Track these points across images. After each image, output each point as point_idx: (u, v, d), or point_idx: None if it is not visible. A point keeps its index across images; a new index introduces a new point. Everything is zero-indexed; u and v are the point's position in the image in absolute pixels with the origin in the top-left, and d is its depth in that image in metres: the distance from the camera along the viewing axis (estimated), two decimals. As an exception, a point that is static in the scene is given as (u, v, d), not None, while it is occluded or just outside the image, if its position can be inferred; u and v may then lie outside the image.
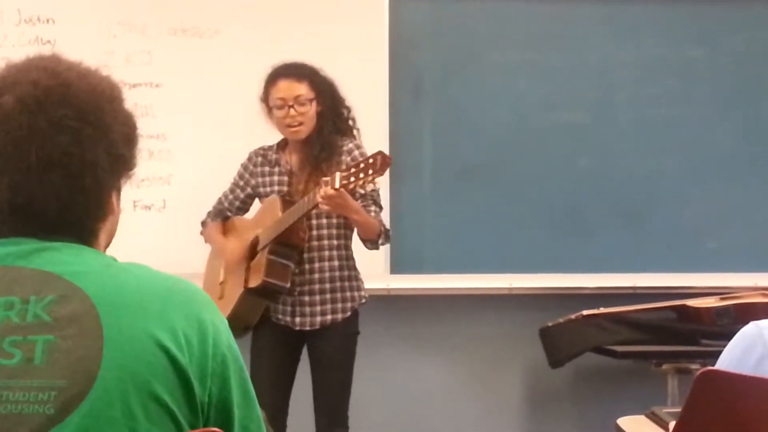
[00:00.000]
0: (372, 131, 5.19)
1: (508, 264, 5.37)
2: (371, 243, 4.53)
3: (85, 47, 4.96)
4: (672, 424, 2.19)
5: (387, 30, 5.30)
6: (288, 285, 4.40)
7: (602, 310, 5.18)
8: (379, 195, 4.56)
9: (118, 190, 1.81)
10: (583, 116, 5.49)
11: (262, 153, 4.65)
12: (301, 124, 4.42)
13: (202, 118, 5.17)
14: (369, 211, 4.41)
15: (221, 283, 4.60)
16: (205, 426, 1.66)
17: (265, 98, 4.51)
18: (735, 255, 5.43)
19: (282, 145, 4.64)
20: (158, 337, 1.62)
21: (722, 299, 5.16)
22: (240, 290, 4.47)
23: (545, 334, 5.16)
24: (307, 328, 4.52)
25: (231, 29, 5.20)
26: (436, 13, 5.46)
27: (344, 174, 4.09)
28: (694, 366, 4.73)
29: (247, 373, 1.76)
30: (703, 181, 5.48)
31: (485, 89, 5.23)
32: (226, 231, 4.72)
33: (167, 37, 5.16)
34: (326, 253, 4.51)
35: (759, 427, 2.09)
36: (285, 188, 4.55)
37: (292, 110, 4.40)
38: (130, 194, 4.94)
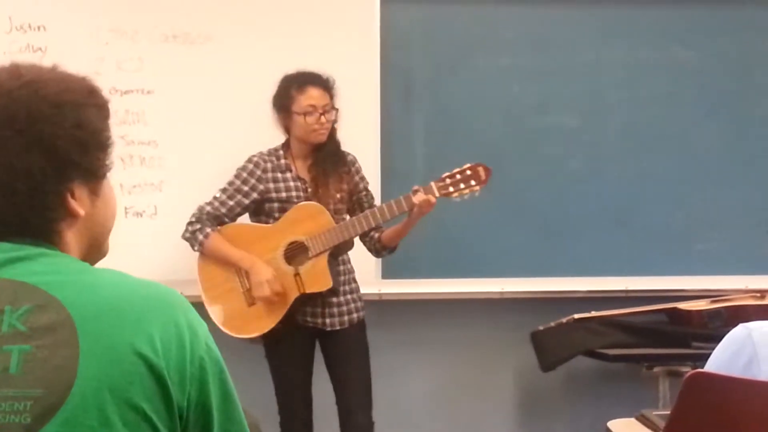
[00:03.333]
0: (363, 134, 5.22)
1: (499, 268, 5.38)
2: (391, 250, 4.81)
3: (76, 54, 5.00)
4: (662, 427, 2.20)
5: (378, 33, 5.30)
6: None
7: (594, 313, 5.19)
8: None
9: (88, 183, 1.77)
10: (573, 119, 5.49)
11: (271, 158, 4.70)
12: (325, 131, 4.63)
13: (194, 124, 5.17)
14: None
15: (248, 290, 4.59)
16: (184, 431, 1.66)
17: (288, 103, 4.64)
18: (726, 258, 5.43)
19: (286, 150, 4.71)
20: (135, 344, 1.61)
21: (713, 302, 5.17)
22: (293, 295, 4.57)
23: (537, 338, 5.17)
24: (337, 328, 4.68)
25: (222, 35, 5.20)
26: (427, 16, 5.46)
27: (441, 184, 4.52)
28: (685, 369, 4.73)
29: (229, 377, 1.74)
30: (694, 184, 5.49)
31: (476, 92, 5.24)
32: (229, 240, 4.67)
33: (158, 44, 5.15)
34: (345, 255, 4.73)
35: (748, 428, 2.09)
36: (301, 194, 4.65)
37: (322, 117, 4.59)
38: (121, 201, 4.96)
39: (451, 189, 4.58)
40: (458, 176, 4.60)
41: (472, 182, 4.58)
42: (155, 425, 1.62)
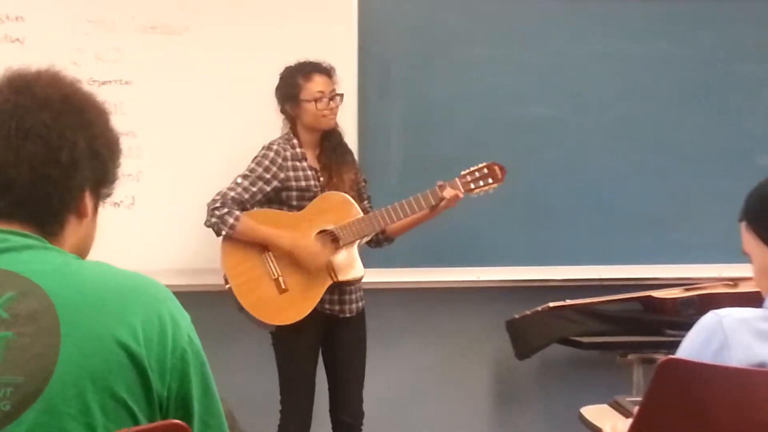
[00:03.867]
0: (341, 126, 5.21)
1: (474, 257, 5.40)
2: (390, 242, 4.92)
3: (54, 45, 4.99)
4: (634, 412, 2.23)
5: (356, 25, 5.30)
6: None
7: (568, 301, 5.22)
8: None
9: (96, 196, 1.84)
10: (551, 110, 5.51)
11: (288, 146, 4.73)
12: (334, 116, 4.72)
13: (172, 114, 5.16)
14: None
15: (280, 277, 4.59)
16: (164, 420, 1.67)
17: (296, 92, 4.71)
18: (699, 247, 5.47)
19: (297, 139, 4.76)
20: (117, 334, 1.63)
21: (687, 290, 5.21)
22: (326, 283, 4.62)
23: (512, 327, 5.20)
24: (348, 315, 4.74)
25: (200, 26, 5.20)
26: (405, 8, 5.46)
27: (464, 180, 4.68)
28: (659, 356, 4.68)
29: (209, 368, 1.76)
30: (669, 174, 5.52)
31: (454, 84, 5.26)
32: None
33: (137, 34, 5.14)
34: None
35: (718, 413, 2.13)
36: (316, 182, 4.70)
37: (332, 102, 4.69)
38: (100, 191, 4.97)
39: (472, 186, 4.75)
40: (477, 173, 4.76)
41: (490, 180, 4.78)
42: (135, 414, 1.64)
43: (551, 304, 5.18)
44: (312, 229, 4.63)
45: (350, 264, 4.67)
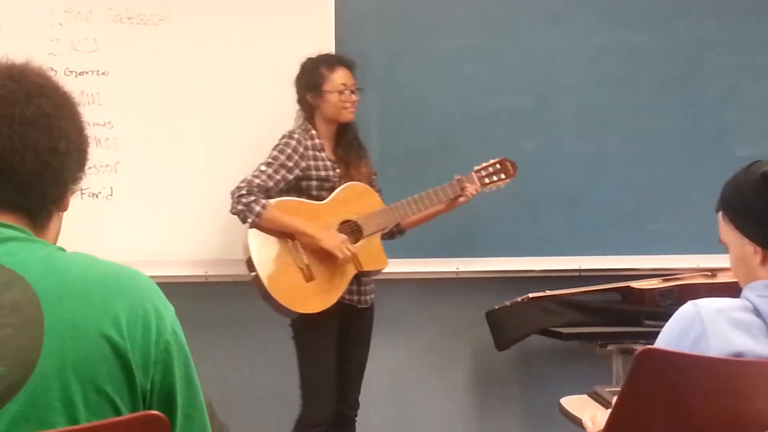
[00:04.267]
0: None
1: (454, 248, 5.40)
2: (403, 234, 4.97)
3: (30, 35, 4.97)
4: (613, 402, 2.23)
5: (333, 16, 5.30)
6: None
7: (548, 292, 5.23)
8: None
9: (71, 191, 1.84)
10: (527, 101, 5.52)
11: (307, 137, 4.74)
12: (354, 109, 4.78)
13: (149, 105, 5.15)
14: None
15: (307, 266, 4.59)
16: None
17: (320, 82, 4.74)
18: (677, 237, 5.49)
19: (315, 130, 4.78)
20: (101, 326, 1.63)
21: (665, 281, 5.23)
22: (351, 272, 4.65)
23: (492, 317, 5.20)
24: (363, 306, 4.79)
25: (177, 17, 5.18)
26: (381, 0, 5.47)
27: (479, 175, 4.81)
28: (638, 346, 4.69)
29: (192, 361, 1.76)
30: (646, 165, 5.53)
31: (430, 74, 5.26)
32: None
33: (113, 25, 5.13)
34: None
35: (696, 402, 2.13)
36: (333, 173, 4.73)
37: (353, 95, 4.74)
38: (77, 182, 4.95)
39: (486, 180, 4.87)
40: (491, 169, 4.88)
41: (502, 175, 4.93)
42: (117, 407, 1.63)
43: (531, 295, 5.19)
44: (335, 219, 4.66)
45: (375, 254, 4.72)
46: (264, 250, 4.62)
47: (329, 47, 5.24)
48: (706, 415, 2.13)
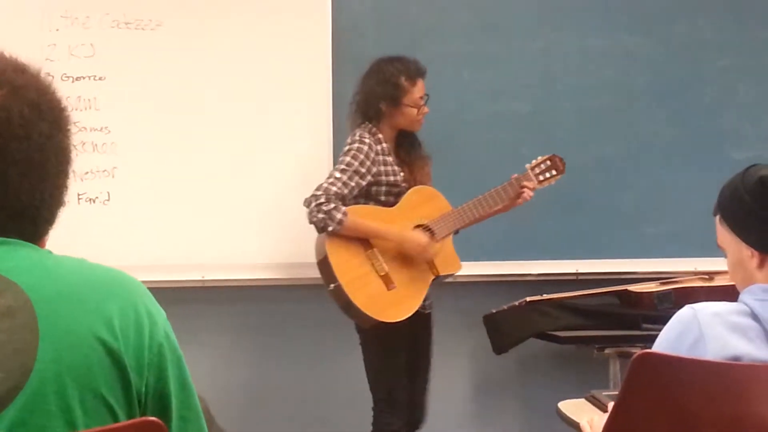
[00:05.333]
0: (316, 121, 5.22)
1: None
2: (456, 233, 4.90)
3: (27, 40, 4.96)
4: (610, 406, 2.23)
5: (330, 20, 5.30)
6: None
7: (545, 296, 5.23)
8: None
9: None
10: (524, 105, 5.52)
11: (376, 141, 4.71)
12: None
13: (146, 110, 5.15)
14: None
15: (387, 273, 4.57)
16: (143, 416, 1.66)
17: (399, 95, 4.69)
18: (675, 241, 5.49)
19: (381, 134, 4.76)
20: (95, 329, 1.62)
21: (663, 284, 5.24)
22: (429, 278, 4.65)
23: (489, 321, 5.20)
24: (428, 311, 4.81)
25: (173, 21, 5.18)
26: (379, 3, 5.46)
27: (534, 172, 4.80)
28: (635, 350, 4.70)
29: (185, 363, 1.76)
30: (643, 168, 5.54)
31: (428, 79, 5.22)
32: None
33: (110, 30, 5.13)
34: None
35: (693, 406, 2.13)
36: (401, 177, 4.72)
37: (425, 107, 4.73)
38: (73, 187, 4.93)
39: (540, 178, 4.85)
40: (543, 166, 4.87)
41: (554, 172, 4.91)
42: (114, 410, 1.63)
43: (528, 299, 5.19)
44: (408, 224, 4.64)
45: (449, 258, 4.72)
46: (344, 260, 4.57)
47: (326, 51, 5.25)
48: (704, 419, 2.13)
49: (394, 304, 4.57)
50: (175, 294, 5.08)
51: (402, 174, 4.72)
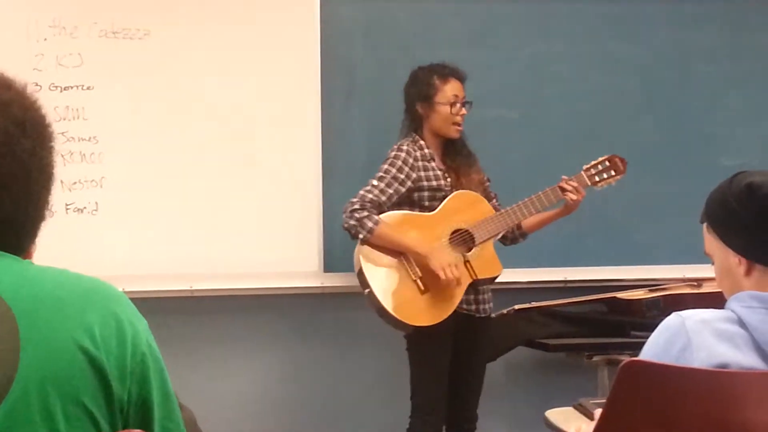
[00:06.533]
0: (305, 129, 5.23)
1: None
2: (525, 238, 4.97)
3: (14, 50, 4.96)
4: (598, 414, 2.23)
5: (319, 28, 5.30)
6: None
7: (534, 304, 5.23)
8: None
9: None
10: (513, 112, 5.53)
11: (417, 147, 4.74)
12: (462, 124, 4.77)
13: (134, 119, 5.15)
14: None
15: (420, 278, 4.57)
16: (125, 426, 1.66)
17: (431, 93, 4.74)
18: (663, 248, 5.50)
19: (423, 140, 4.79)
20: (76, 338, 1.61)
21: (651, 291, 5.24)
22: (465, 281, 4.61)
23: (478, 329, 5.20)
24: (482, 315, 4.76)
25: (162, 31, 5.18)
26: (368, 11, 5.47)
27: (589, 173, 4.75)
28: (624, 357, 4.74)
29: (167, 374, 1.75)
30: (632, 175, 5.51)
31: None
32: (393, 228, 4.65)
33: (98, 40, 5.12)
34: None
35: (681, 414, 2.13)
36: (445, 182, 4.73)
37: (463, 108, 4.73)
38: (61, 197, 4.95)
39: (596, 178, 4.81)
40: (600, 167, 4.82)
41: (613, 172, 4.84)
42: (96, 420, 1.62)
43: (517, 307, 5.19)
44: (447, 229, 4.64)
45: (489, 261, 4.70)
46: (376, 265, 4.61)
47: (315, 59, 5.25)
48: (691, 427, 2.13)
49: (427, 308, 4.58)
50: (164, 304, 5.09)
51: (449, 179, 4.74)
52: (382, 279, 4.60)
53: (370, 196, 4.60)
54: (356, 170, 5.32)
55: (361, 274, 4.62)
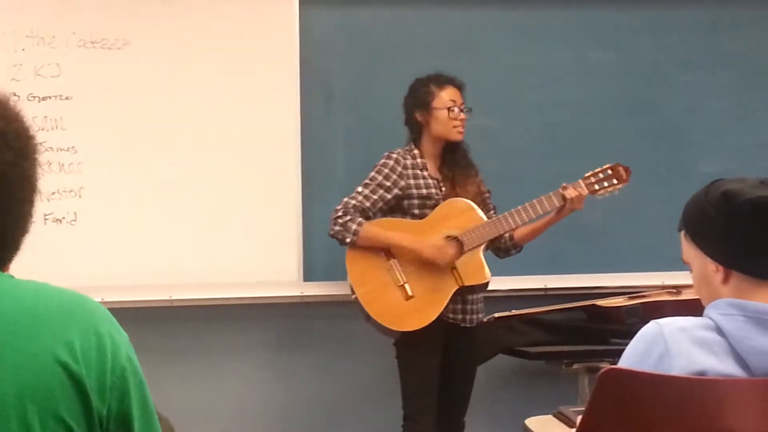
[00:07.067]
0: (283, 139, 5.22)
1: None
2: (519, 249, 4.96)
3: (-8, 61, 4.95)
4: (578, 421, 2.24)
5: (297, 37, 5.30)
6: None
7: (514, 311, 5.24)
8: None
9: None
10: (492, 120, 5.53)
11: (408, 155, 4.77)
12: (462, 128, 4.78)
13: (113, 130, 5.14)
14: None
15: (406, 284, 4.61)
16: None
17: (429, 99, 4.78)
18: (642, 255, 5.51)
19: (419, 150, 4.80)
20: (56, 352, 1.61)
21: (631, 298, 5.25)
22: (452, 287, 4.63)
23: (458, 338, 5.20)
24: (469, 325, 4.76)
25: (140, 40, 5.18)
26: (347, 20, 5.47)
27: (588, 182, 4.71)
28: (604, 365, 4.73)
29: (147, 387, 1.75)
30: (611, 183, 5.56)
31: (395, 96, 5.25)
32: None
33: (76, 50, 5.12)
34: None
35: (659, 422, 2.14)
36: (437, 191, 4.75)
37: (462, 114, 4.74)
38: (40, 207, 4.91)
39: (596, 187, 4.79)
40: (601, 175, 4.80)
41: (614, 181, 4.82)
42: (75, 434, 1.62)
43: (497, 315, 5.20)
44: (436, 236, 4.64)
45: (476, 268, 4.69)
46: (363, 272, 4.66)
47: (294, 68, 5.25)
48: (670, 435, 2.14)
49: (411, 314, 4.60)
50: (143, 314, 5.08)
51: (443, 189, 4.77)
52: (367, 286, 4.64)
53: (353, 202, 4.65)
54: (335, 179, 5.32)
55: (349, 281, 4.68)
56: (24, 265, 1.82)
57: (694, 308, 2.40)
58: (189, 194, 5.17)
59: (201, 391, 5.43)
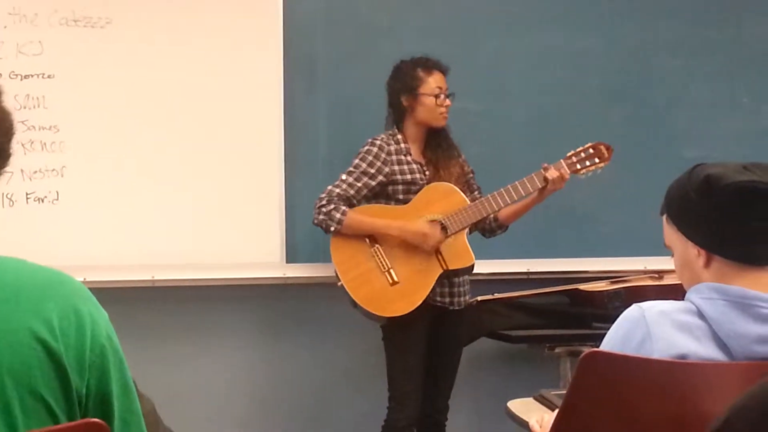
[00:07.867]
0: (266, 120, 5.21)
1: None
2: (504, 229, 4.98)
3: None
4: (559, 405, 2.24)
5: (281, 19, 5.29)
6: None
7: (496, 295, 5.24)
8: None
9: None
10: (476, 105, 5.52)
11: (392, 141, 4.78)
12: (446, 114, 4.79)
13: (95, 108, 5.12)
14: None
15: (390, 269, 4.63)
16: (84, 418, 1.65)
17: (416, 85, 4.77)
18: (625, 240, 5.52)
19: (403, 134, 4.82)
20: (34, 329, 1.60)
21: (613, 283, 5.26)
22: (437, 271, 4.65)
23: (440, 320, 5.20)
24: (457, 308, 4.78)
25: (123, 19, 5.15)
26: (331, 4, 5.45)
27: (570, 161, 4.71)
28: (586, 348, 4.76)
29: (127, 366, 1.74)
30: (594, 168, 5.56)
31: (379, 78, 5.24)
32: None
33: (59, 27, 5.09)
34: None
35: (640, 405, 2.14)
36: (421, 176, 4.76)
37: (447, 100, 4.74)
38: (22, 186, 4.92)
39: (578, 166, 4.79)
40: (582, 154, 4.81)
41: (596, 160, 4.83)
42: (54, 412, 1.61)
43: (479, 298, 5.20)
44: (420, 220, 4.66)
45: (460, 252, 4.71)
46: (347, 259, 4.68)
47: (277, 51, 5.24)
48: (651, 418, 2.14)
49: (397, 299, 4.63)
50: (125, 294, 5.07)
51: (427, 173, 4.78)
52: (353, 272, 4.66)
53: (338, 190, 4.66)
54: (318, 161, 5.32)
55: (334, 268, 4.70)
56: (6, 243, 1.81)
57: (676, 293, 2.40)
58: (172, 175, 5.15)
59: (183, 372, 5.42)
